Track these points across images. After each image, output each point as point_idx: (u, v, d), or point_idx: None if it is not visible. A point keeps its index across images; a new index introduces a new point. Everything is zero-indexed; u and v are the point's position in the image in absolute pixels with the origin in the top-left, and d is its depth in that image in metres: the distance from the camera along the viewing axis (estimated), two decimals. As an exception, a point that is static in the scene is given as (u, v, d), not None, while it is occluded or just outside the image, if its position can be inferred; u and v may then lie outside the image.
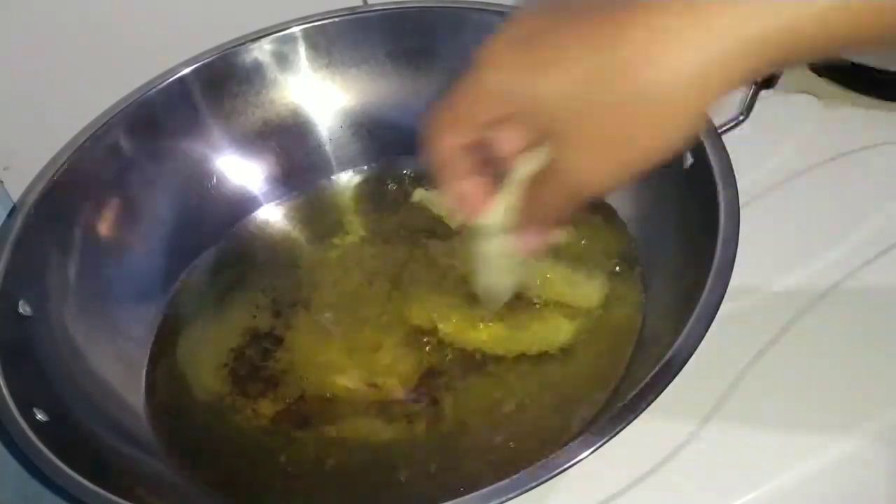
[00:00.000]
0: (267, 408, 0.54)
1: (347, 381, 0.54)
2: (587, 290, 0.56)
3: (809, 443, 0.49)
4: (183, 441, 0.53)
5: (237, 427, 0.53)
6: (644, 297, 0.55)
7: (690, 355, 0.42)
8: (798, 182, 0.63)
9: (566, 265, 0.58)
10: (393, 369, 0.54)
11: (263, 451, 0.52)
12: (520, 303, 0.56)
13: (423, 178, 0.65)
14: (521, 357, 0.54)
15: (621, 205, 0.60)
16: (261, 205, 0.66)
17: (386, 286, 0.59)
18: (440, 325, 0.56)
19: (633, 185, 0.59)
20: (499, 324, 0.55)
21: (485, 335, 0.55)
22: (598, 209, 0.60)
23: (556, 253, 0.59)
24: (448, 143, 0.37)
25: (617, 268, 0.57)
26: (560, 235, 0.40)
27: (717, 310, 0.44)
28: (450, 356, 0.54)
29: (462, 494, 0.39)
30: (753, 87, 0.55)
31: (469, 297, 0.57)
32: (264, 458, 0.52)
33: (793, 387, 0.51)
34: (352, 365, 0.55)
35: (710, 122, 0.52)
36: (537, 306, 0.55)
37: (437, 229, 0.62)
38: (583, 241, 0.59)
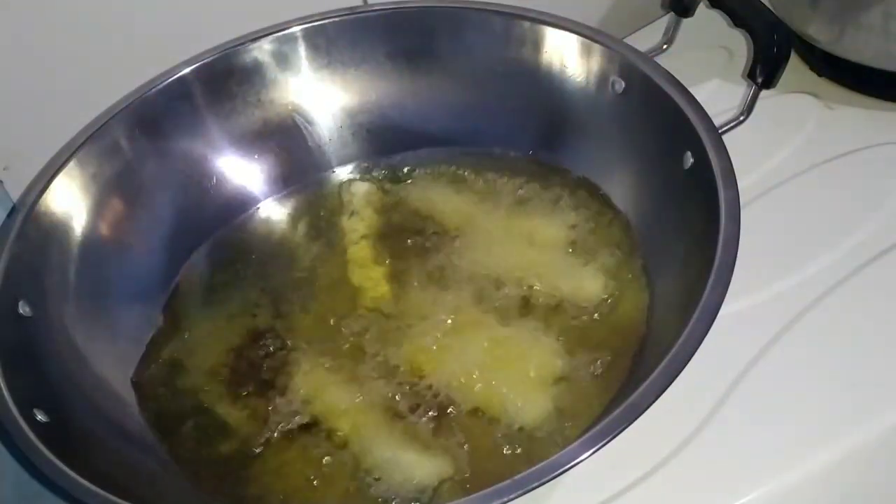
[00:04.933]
0: (266, 408, 0.54)
1: (348, 381, 0.54)
2: (587, 285, 0.56)
3: (810, 443, 0.49)
4: (182, 441, 0.53)
5: (236, 426, 0.53)
6: (648, 296, 0.55)
7: (691, 356, 0.42)
8: (798, 182, 0.63)
9: (567, 261, 0.58)
10: (393, 369, 0.54)
11: (262, 452, 0.52)
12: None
13: (422, 178, 0.66)
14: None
15: (624, 204, 0.60)
16: (260, 204, 0.66)
17: (386, 285, 0.59)
18: (439, 324, 0.56)
19: (635, 185, 0.60)
20: (496, 323, 0.55)
21: (483, 331, 0.55)
22: (602, 208, 0.60)
23: (559, 250, 0.59)
24: None
25: (620, 267, 0.57)
26: None
27: (718, 310, 0.44)
28: (452, 353, 0.54)
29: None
30: (754, 87, 0.55)
31: (467, 295, 0.57)
32: (263, 458, 0.52)
33: (793, 387, 0.51)
34: (352, 365, 0.55)
35: (710, 122, 0.52)
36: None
37: (436, 229, 0.62)
38: (586, 240, 0.59)
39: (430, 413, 0.52)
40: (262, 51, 0.64)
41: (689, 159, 0.53)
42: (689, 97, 0.54)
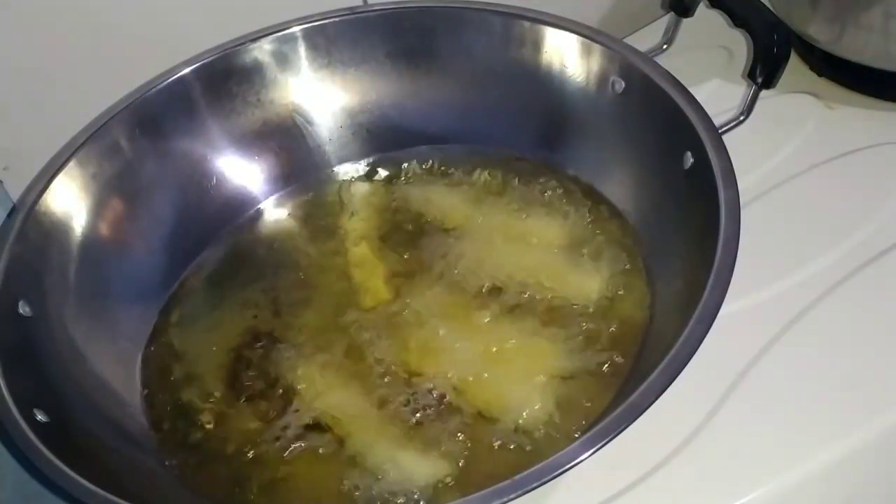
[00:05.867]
0: (266, 408, 0.54)
1: (348, 381, 0.54)
2: (587, 285, 0.56)
3: (809, 443, 0.49)
4: (182, 441, 0.53)
5: (235, 427, 0.53)
6: (649, 296, 0.55)
7: (691, 356, 0.42)
8: (798, 182, 0.63)
9: (567, 261, 0.58)
10: (393, 369, 0.54)
11: (262, 453, 0.52)
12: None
13: (422, 178, 0.66)
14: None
15: (624, 204, 0.60)
16: (260, 205, 0.66)
17: (386, 285, 0.59)
18: (439, 324, 0.56)
19: (635, 185, 0.60)
20: (497, 323, 0.55)
21: (483, 331, 0.55)
22: (602, 208, 0.60)
23: (558, 249, 0.59)
24: None
25: (622, 267, 0.57)
26: None
27: (718, 310, 0.44)
28: (452, 353, 0.54)
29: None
30: (754, 87, 0.55)
31: (467, 295, 0.57)
32: (262, 458, 0.52)
33: (793, 387, 0.51)
34: (352, 365, 0.55)
35: (710, 122, 0.52)
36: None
37: (436, 229, 0.62)
38: (586, 240, 0.59)
39: (429, 413, 0.52)
40: (262, 51, 0.64)
41: (689, 159, 0.53)
42: (689, 97, 0.54)
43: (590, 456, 0.40)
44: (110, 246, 0.59)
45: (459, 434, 0.51)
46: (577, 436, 0.47)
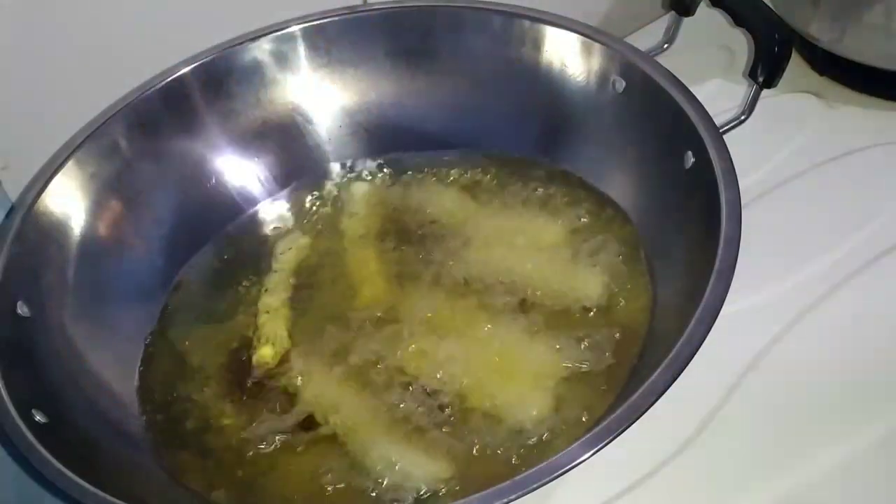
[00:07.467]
0: (265, 408, 0.54)
1: (347, 381, 0.54)
2: (588, 285, 0.56)
3: (810, 443, 0.49)
4: (181, 442, 0.53)
5: (234, 428, 0.53)
6: (650, 297, 0.55)
7: (692, 356, 0.42)
8: (800, 182, 0.63)
9: (568, 262, 0.58)
10: (393, 370, 0.54)
11: (262, 453, 0.52)
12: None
13: (422, 178, 0.65)
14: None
15: (625, 204, 0.60)
16: (259, 204, 0.65)
17: (385, 286, 0.59)
18: (439, 324, 0.56)
19: (636, 184, 0.59)
20: (497, 323, 0.55)
21: (483, 331, 0.55)
22: (602, 208, 0.60)
23: (559, 250, 0.59)
24: None
25: (623, 267, 0.57)
26: None
27: (720, 311, 0.44)
28: (451, 354, 0.54)
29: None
30: (755, 86, 0.55)
31: (467, 295, 0.57)
32: (262, 459, 0.52)
33: (794, 387, 0.51)
34: (351, 366, 0.55)
35: (711, 121, 0.52)
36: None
37: (436, 229, 0.62)
38: (586, 240, 0.59)
39: (429, 414, 0.52)
40: (262, 50, 0.63)
41: (690, 159, 0.53)
42: (689, 96, 0.54)
43: (590, 456, 0.40)
44: (109, 246, 0.59)
45: (459, 434, 0.51)
46: (577, 436, 0.47)
